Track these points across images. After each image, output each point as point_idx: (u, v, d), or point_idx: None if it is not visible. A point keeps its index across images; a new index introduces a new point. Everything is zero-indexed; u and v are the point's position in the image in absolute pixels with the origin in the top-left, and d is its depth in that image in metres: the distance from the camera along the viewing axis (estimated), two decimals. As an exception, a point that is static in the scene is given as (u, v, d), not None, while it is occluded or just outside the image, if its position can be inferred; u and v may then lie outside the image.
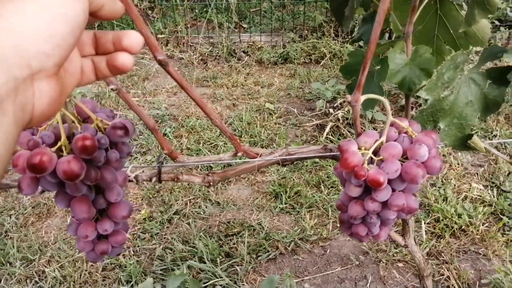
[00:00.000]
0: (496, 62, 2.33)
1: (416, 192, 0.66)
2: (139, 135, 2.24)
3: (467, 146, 0.71)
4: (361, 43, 0.98)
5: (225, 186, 1.90)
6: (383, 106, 2.02)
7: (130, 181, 0.75)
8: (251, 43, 3.40)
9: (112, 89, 0.67)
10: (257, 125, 2.28)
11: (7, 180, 0.73)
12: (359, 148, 0.64)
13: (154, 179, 0.77)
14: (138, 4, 3.59)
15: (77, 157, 0.52)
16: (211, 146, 2.15)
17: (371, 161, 0.63)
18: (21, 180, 0.56)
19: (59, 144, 0.55)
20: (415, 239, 1.04)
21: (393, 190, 0.63)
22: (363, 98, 0.61)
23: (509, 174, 1.90)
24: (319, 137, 2.18)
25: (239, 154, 0.80)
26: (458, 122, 0.70)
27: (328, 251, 1.56)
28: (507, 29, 3.14)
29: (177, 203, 1.79)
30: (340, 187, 1.84)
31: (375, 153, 0.63)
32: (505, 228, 1.61)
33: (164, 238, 1.63)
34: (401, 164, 0.61)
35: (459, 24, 0.88)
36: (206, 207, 1.78)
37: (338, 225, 1.64)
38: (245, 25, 3.77)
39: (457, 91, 0.68)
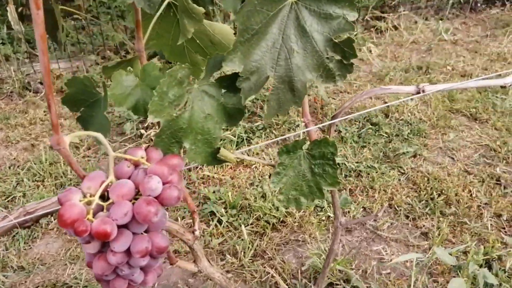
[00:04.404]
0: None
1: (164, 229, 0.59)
2: None
3: (218, 160, 0.68)
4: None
5: (29, 245, 1.62)
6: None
7: None
8: (49, 72, 3.05)
9: None
10: (61, 164, 2.02)
11: None
12: (85, 196, 0.54)
13: None
14: None
15: None
16: None
17: (102, 209, 0.54)
18: None
19: None
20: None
21: (136, 233, 0.55)
22: (69, 138, 0.51)
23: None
24: (135, 161, 2.04)
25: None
26: (203, 138, 0.65)
27: (156, 284, 1.44)
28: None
29: (-35, 283, 1.45)
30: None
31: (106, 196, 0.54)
32: (317, 209, 1.73)
33: (-50, 333, 1.30)
34: (134, 204, 0.53)
35: (203, 33, 0.86)
36: (6, 278, 1.48)
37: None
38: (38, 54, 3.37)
39: (191, 106, 0.63)
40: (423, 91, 0.76)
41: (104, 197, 0.55)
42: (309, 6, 0.60)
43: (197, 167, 1.96)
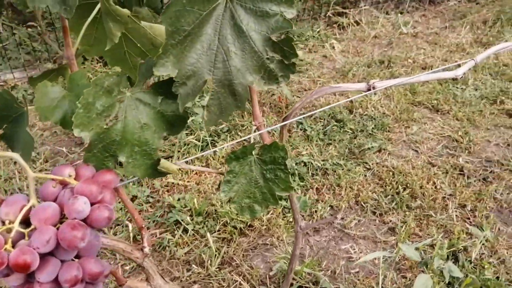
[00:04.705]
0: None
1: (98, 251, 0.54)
2: None
3: (159, 172, 0.63)
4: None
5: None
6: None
7: None
8: (3, 83, 2.92)
9: None
10: (17, 180, 1.92)
11: None
12: (4, 223, 0.48)
13: None
14: None
15: None
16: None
17: (24, 236, 0.49)
18: None
19: None
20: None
21: (64, 261, 0.50)
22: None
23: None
24: (95, 172, 1.96)
25: None
26: (142, 150, 0.60)
27: (120, 300, 1.38)
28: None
29: None
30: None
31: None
32: (285, 211, 1.70)
33: None
34: (58, 229, 0.48)
35: (143, 36, 0.81)
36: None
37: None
38: (-8, 64, 3.21)
39: (123, 116, 0.58)
40: (374, 87, 0.74)
41: (28, 223, 0.50)
42: (244, 4, 0.56)
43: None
